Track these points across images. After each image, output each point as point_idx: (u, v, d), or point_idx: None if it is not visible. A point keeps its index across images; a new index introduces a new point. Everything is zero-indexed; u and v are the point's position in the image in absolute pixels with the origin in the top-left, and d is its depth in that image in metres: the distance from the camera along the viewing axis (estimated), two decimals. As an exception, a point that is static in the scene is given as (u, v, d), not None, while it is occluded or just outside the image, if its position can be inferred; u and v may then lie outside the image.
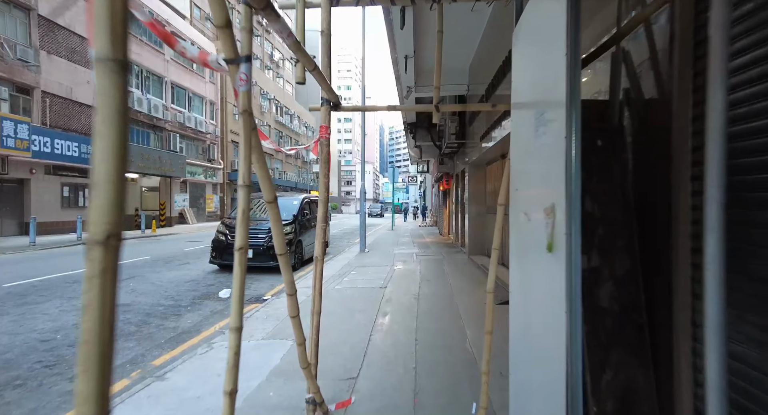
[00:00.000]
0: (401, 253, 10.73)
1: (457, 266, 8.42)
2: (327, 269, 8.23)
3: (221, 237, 8.12)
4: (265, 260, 7.91)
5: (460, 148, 10.98)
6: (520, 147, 2.14)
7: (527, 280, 1.96)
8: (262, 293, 6.42)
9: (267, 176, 1.54)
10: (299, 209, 8.93)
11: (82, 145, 17.19)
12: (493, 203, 8.69)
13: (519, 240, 2.18)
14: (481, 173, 9.30)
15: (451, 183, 13.00)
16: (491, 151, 7.79)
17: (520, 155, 2.17)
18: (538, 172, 1.84)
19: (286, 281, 1.76)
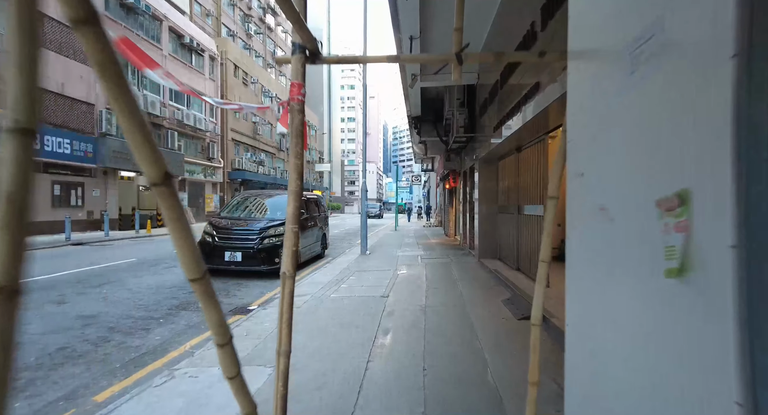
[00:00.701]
0: (405, 255, 10.00)
1: (466, 270, 7.67)
2: (324, 273, 7.52)
3: (207, 239, 7.43)
4: (255, 263, 7.21)
5: (468, 143, 10.24)
6: (591, 110, 1.40)
7: (612, 319, 1.22)
8: (249, 301, 5.71)
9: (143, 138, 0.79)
10: (294, 208, 8.21)
11: (74, 142, 16.62)
12: (507, 202, 7.94)
13: (587, 249, 1.44)
14: (492, 169, 8.55)
15: (458, 181, 12.26)
16: (504, 145, 7.05)
17: (588, 122, 1.43)
18: (638, 140, 1.10)
19: (210, 323, 1.03)
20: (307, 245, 8.86)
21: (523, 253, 6.77)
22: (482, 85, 8.68)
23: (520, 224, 6.86)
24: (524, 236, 6.66)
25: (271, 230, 7.44)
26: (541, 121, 5.19)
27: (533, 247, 6.19)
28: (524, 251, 6.68)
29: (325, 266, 8.37)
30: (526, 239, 6.58)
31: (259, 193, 8.99)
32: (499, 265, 7.72)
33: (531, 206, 6.28)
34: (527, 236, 6.49)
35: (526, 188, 6.58)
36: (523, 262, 6.77)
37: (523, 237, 6.71)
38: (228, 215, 8.04)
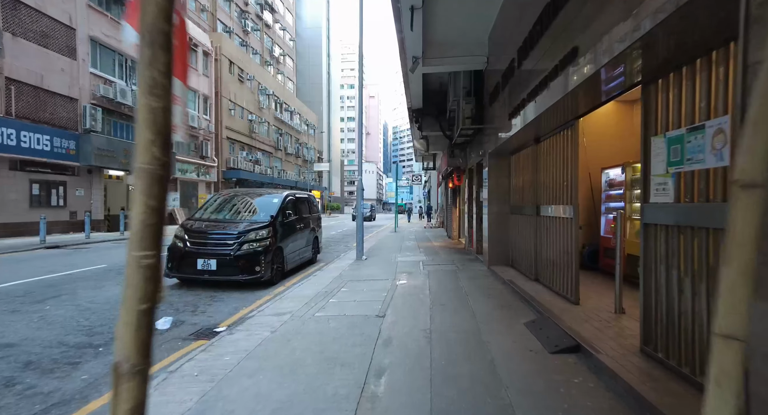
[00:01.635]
0: (405, 261, 9.04)
1: (475, 280, 6.71)
2: (312, 283, 6.55)
3: (179, 244, 6.46)
4: (232, 272, 6.25)
5: (475, 137, 9.27)
6: None
7: None
8: (218, 320, 4.75)
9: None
10: (279, 209, 7.25)
11: (55, 138, 15.66)
12: (521, 201, 6.97)
13: None
14: (503, 165, 7.59)
15: (463, 179, 11.29)
16: (519, 136, 6.10)
17: None
18: None
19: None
20: (296, 250, 7.89)
21: (542, 261, 5.81)
22: (492, 71, 7.73)
23: (539, 227, 5.90)
24: (544, 241, 5.70)
25: (252, 234, 6.48)
26: (569, 103, 4.24)
27: (556, 254, 5.24)
28: (544, 258, 5.72)
29: (315, 274, 7.41)
30: (546, 244, 5.62)
31: (241, 192, 8.02)
32: (513, 274, 6.75)
33: (553, 207, 5.32)
34: (548, 241, 5.53)
35: (546, 185, 5.62)
36: (542, 271, 5.81)
37: (543, 242, 5.75)
38: (204, 217, 7.07)
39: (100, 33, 18.05)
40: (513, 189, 7.36)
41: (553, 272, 5.33)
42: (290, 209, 7.75)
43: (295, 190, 8.76)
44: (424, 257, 9.53)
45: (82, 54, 17.06)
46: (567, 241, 4.84)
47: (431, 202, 32.61)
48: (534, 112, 4.99)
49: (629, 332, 3.52)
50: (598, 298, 4.91)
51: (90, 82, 17.56)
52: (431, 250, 11.23)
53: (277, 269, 6.95)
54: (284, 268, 7.28)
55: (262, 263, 6.39)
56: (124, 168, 19.36)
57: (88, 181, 17.75)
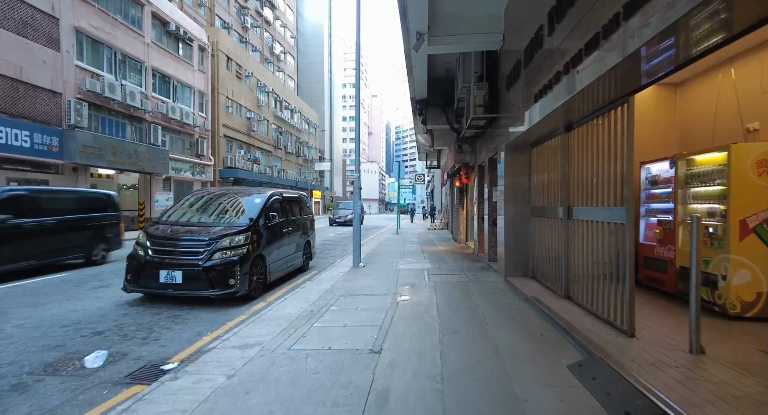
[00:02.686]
0: (408, 269, 7.99)
1: (492, 296, 5.65)
2: (297, 299, 5.52)
3: (139, 252, 5.45)
4: (201, 286, 5.23)
5: (487, 129, 8.22)
6: None
7: None
8: (171, 352, 3.73)
9: None
10: (260, 211, 6.21)
11: (35, 134, 14.73)
12: (545, 202, 5.88)
13: None
14: (522, 159, 6.54)
15: (472, 177, 10.24)
16: (544, 124, 5.05)
17: None
18: None
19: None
20: (282, 258, 6.87)
21: (577, 275, 4.75)
22: (508, 52, 6.68)
23: (572, 233, 4.85)
24: (579, 251, 4.65)
25: (226, 241, 5.45)
26: (624, 72, 3.19)
27: (597, 268, 4.19)
28: (579, 272, 4.67)
29: (303, 286, 6.38)
30: (582, 255, 4.56)
31: (219, 190, 6.99)
32: (536, 288, 5.69)
33: (593, 209, 4.26)
34: (586, 251, 4.47)
35: (582, 183, 4.57)
36: (577, 288, 4.75)
37: (578, 252, 4.69)
38: (172, 220, 6.05)
39: (87, 24, 17.11)
40: (534, 187, 6.30)
41: (594, 290, 4.27)
42: (276, 211, 6.72)
43: (283, 190, 7.73)
44: (429, 265, 8.48)
45: (66, 45, 16.12)
46: (615, 252, 3.79)
47: (434, 203, 31.54)
48: (567, 92, 3.94)
49: (734, 391, 2.47)
50: (653, 325, 3.85)
51: (75, 76, 16.62)
52: (436, 255, 10.18)
53: (258, 280, 5.92)
54: (267, 279, 6.25)
55: (238, 274, 5.36)
56: (112, 166, 18.41)
57: (73, 180, 16.79)
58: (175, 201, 24.24)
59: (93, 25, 17.41)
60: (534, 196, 6.30)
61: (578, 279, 4.70)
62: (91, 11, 17.30)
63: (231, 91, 30.55)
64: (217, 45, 28.78)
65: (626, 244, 3.56)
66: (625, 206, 3.62)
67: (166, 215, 6.23)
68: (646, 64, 2.95)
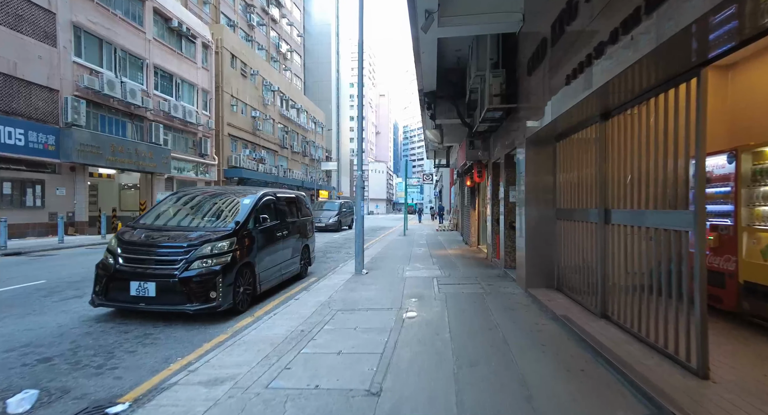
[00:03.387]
0: (415, 277, 7.25)
1: (513, 312, 4.88)
2: (288, 314, 4.81)
3: (109, 260, 4.78)
4: (177, 300, 4.54)
5: (503, 122, 7.44)
6: None
7: None
8: (125, 387, 3.03)
9: None
10: (249, 213, 5.51)
11: (30, 132, 14.26)
12: (574, 203, 5.02)
13: None
14: (545, 155, 5.76)
15: (485, 175, 9.46)
16: (574, 112, 4.29)
17: None
18: None
19: None
20: (276, 265, 6.17)
21: (614, 289, 3.98)
22: (529, 34, 5.91)
23: (610, 240, 4.07)
24: (617, 261, 3.87)
25: (207, 247, 4.76)
26: (700, 36, 2.42)
27: (640, 280, 3.42)
28: (618, 285, 3.89)
29: (298, 297, 5.67)
30: (622, 265, 3.79)
31: (206, 190, 6.31)
32: (564, 303, 4.91)
33: (638, 212, 3.49)
34: (626, 260, 3.70)
35: (623, 181, 3.80)
36: (616, 306, 3.97)
37: (616, 262, 3.92)
38: (149, 224, 5.38)
39: (86, 19, 16.64)
40: (560, 186, 5.52)
41: (643, 311, 3.50)
42: (268, 213, 6.03)
43: (278, 189, 7.03)
44: (439, 272, 7.72)
45: (63, 41, 15.66)
46: (676, 267, 3.02)
47: (443, 203, 30.72)
48: (615, 66, 3.18)
49: None
50: (727, 360, 3.06)
51: (73, 72, 16.15)
52: (446, 260, 9.42)
53: (245, 292, 5.22)
54: (257, 289, 5.55)
55: (220, 286, 4.67)
56: (112, 165, 17.93)
57: (70, 180, 16.33)
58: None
59: (91, 21, 16.94)
60: (560, 197, 5.52)
61: (619, 295, 3.92)
62: (89, 6, 16.84)
63: (236, 90, 30.05)
64: (221, 42, 28.28)
65: (697, 257, 2.79)
66: (692, 209, 2.85)
67: (144, 217, 5.56)
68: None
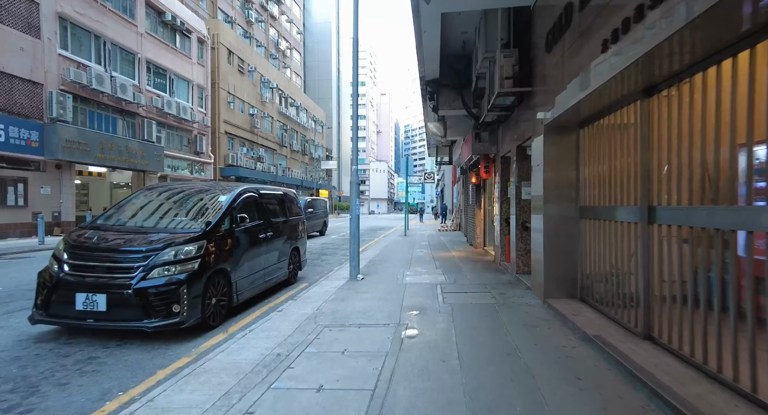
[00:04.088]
0: (417, 283, 6.50)
1: (534, 330, 4.12)
2: (268, 330, 4.07)
3: (54, 268, 4.04)
4: (132, 316, 3.81)
5: (514, 110, 6.67)
6: None
7: None
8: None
9: None
10: (224, 213, 4.77)
11: (11, 128, 13.56)
12: (602, 199, 4.26)
13: None
14: (567, 144, 4.99)
15: (492, 170, 8.69)
16: (607, 90, 3.54)
17: None
18: None
19: None
20: (257, 271, 5.42)
21: (662, 303, 3.22)
22: (545, 7, 5.15)
23: (653, 241, 3.31)
24: (666, 268, 3.11)
25: (170, 252, 4.02)
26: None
27: (705, 297, 2.66)
28: (668, 298, 3.13)
29: (281, 308, 4.92)
30: (672, 273, 3.03)
31: (177, 187, 5.55)
32: (593, 318, 4.15)
33: (702, 209, 2.73)
34: (677, 268, 2.94)
35: (677, 171, 3.04)
36: (667, 326, 3.20)
37: (664, 269, 3.16)
38: (108, 224, 4.64)
39: (72, 10, 15.93)
40: (584, 181, 4.75)
41: (714, 338, 2.74)
42: (248, 212, 5.28)
43: (262, 185, 6.28)
44: (443, 277, 6.96)
45: (47, 32, 14.95)
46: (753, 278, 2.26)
47: (446, 202, 29.95)
48: (646, 43, 2.42)
49: None
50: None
51: (59, 66, 15.45)
52: (451, 263, 8.66)
53: (218, 304, 4.48)
54: (234, 300, 4.81)
55: (185, 298, 3.93)
56: (101, 163, 17.23)
57: (56, 178, 15.64)
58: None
59: (78, 12, 16.22)
60: (584, 193, 4.76)
61: (670, 312, 3.16)
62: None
63: (232, 86, 29.33)
64: (217, 37, 27.56)
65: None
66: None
67: (103, 216, 4.82)
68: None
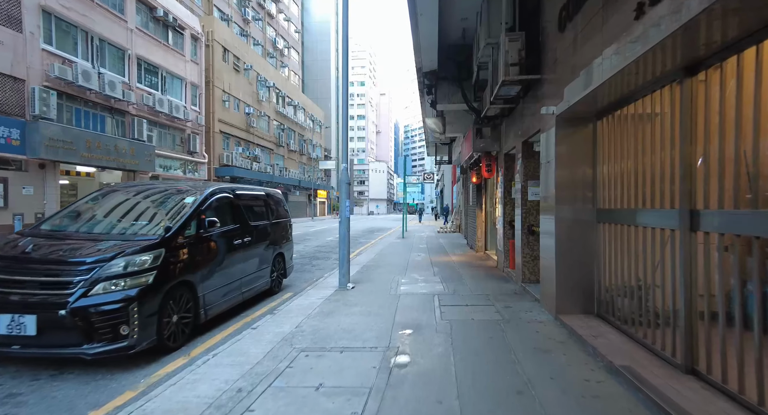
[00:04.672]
0: (412, 294, 5.87)
1: (547, 357, 3.49)
2: (236, 355, 3.44)
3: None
4: (69, 340, 3.19)
5: (519, 102, 6.05)
6: None
7: None
8: None
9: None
10: (189, 216, 4.14)
11: (-10, 125, 12.93)
12: (625, 201, 3.58)
13: None
14: (582, 138, 4.37)
15: (495, 169, 8.07)
16: (641, 67, 2.92)
17: None
18: None
19: None
20: (231, 283, 4.79)
21: (710, 328, 2.59)
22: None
23: (697, 254, 2.69)
24: (715, 285, 2.49)
25: (120, 263, 3.40)
26: None
27: (760, 318, 2.03)
28: (720, 322, 2.51)
29: (256, 326, 4.29)
30: (724, 292, 2.41)
31: (139, 187, 4.92)
32: (616, 340, 3.52)
33: (754, 216, 2.11)
34: (740, 287, 2.31)
35: (728, 169, 2.42)
36: (717, 357, 2.58)
37: (712, 287, 2.53)
38: (49, 229, 4.01)
39: (57, 4, 15.32)
40: (603, 179, 4.14)
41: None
42: (220, 215, 4.65)
43: (238, 185, 5.65)
44: (441, 286, 6.33)
45: (30, 26, 14.33)
46: None
47: (447, 203, 29.32)
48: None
49: None
50: None
51: (42, 61, 14.83)
52: (449, 270, 8.03)
53: (181, 321, 3.86)
54: (201, 316, 4.18)
55: (135, 317, 3.31)
56: (87, 163, 16.62)
57: (39, 178, 15.02)
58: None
59: (64, 6, 15.60)
60: (602, 193, 4.14)
61: (725, 341, 2.53)
62: (62, -11, 15.53)
63: (228, 85, 28.73)
64: (212, 34, 26.97)
65: None
66: None
67: (48, 220, 4.19)
68: None
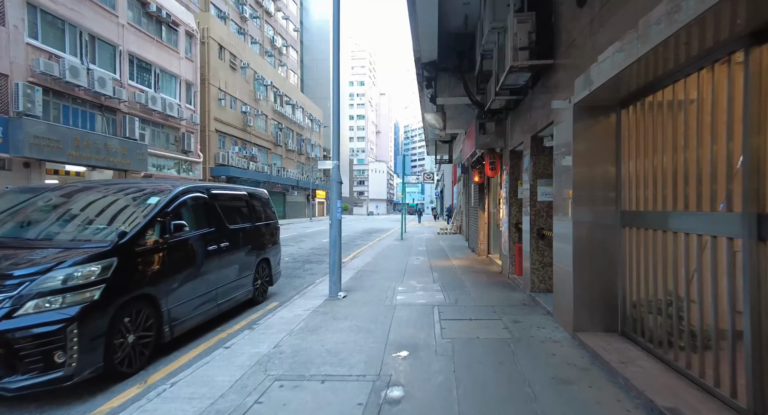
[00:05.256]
0: (409, 305, 5.31)
1: (569, 390, 2.93)
2: (196, 385, 2.86)
3: None
4: (-13, 372, 2.62)
5: (528, 92, 5.48)
6: None
7: None
8: None
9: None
10: (150, 220, 3.57)
11: (-29, 122, 12.36)
12: (656, 203, 3.10)
13: None
14: (603, 131, 3.80)
15: (499, 167, 7.50)
16: (691, 34, 2.34)
17: None
18: None
19: None
20: (204, 294, 4.22)
21: None
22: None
23: (764, 267, 2.13)
24: None
25: (58, 276, 2.84)
26: None
27: None
28: None
29: (228, 345, 3.72)
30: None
31: (94, 185, 4.35)
32: (650, 368, 2.96)
33: None
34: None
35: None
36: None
37: None
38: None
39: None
40: (629, 177, 3.57)
41: None
42: (190, 217, 4.09)
43: (214, 184, 5.09)
44: (441, 296, 5.76)
45: (13, 19, 13.79)
46: None
47: (445, 203, 28.74)
48: None
49: None
50: None
51: (27, 56, 14.29)
52: (451, 276, 7.46)
53: (138, 342, 3.29)
54: (164, 335, 3.62)
55: (74, 342, 2.75)
56: (75, 162, 16.05)
57: (24, 178, 14.46)
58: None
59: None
60: (627, 194, 3.57)
61: None
62: (48, -18, 14.99)
63: (224, 83, 28.18)
64: (207, 31, 26.42)
65: None
66: None
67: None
68: None
